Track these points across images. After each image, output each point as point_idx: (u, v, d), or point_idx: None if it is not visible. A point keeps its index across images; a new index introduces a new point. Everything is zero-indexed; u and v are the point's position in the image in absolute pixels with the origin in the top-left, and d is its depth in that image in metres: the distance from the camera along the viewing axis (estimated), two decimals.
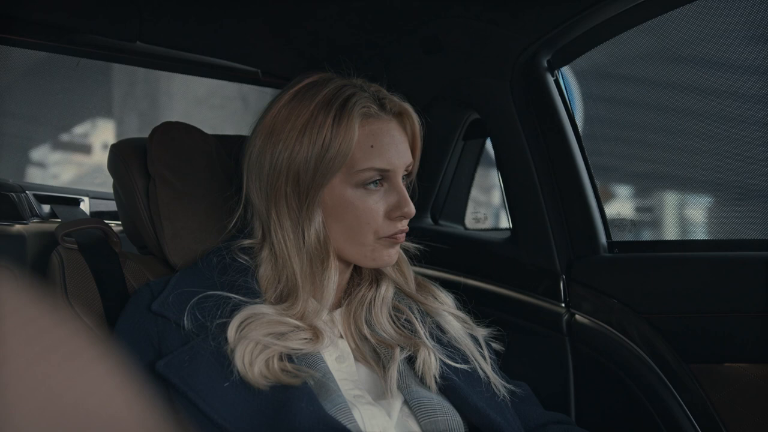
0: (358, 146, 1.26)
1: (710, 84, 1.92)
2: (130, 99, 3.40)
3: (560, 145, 1.71)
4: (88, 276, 1.45)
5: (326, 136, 1.23)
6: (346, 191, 1.28)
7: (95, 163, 3.49)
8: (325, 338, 1.26)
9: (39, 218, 1.97)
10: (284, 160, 1.26)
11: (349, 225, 1.29)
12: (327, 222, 1.29)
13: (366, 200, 1.28)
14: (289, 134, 1.26)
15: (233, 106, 3.35)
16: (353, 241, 1.30)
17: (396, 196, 1.30)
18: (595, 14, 1.60)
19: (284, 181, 1.26)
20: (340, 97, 1.27)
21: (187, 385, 1.15)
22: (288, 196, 1.27)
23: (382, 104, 1.32)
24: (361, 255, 1.32)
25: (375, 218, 1.29)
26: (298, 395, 1.14)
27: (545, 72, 1.72)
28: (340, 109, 1.25)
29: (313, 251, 1.27)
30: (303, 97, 1.29)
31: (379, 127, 1.29)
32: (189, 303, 1.25)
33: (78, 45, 1.98)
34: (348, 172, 1.26)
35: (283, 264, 1.29)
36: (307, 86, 1.31)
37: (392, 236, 1.31)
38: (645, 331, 1.55)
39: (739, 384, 1.44)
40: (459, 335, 1.39)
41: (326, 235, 1.28)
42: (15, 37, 1.94)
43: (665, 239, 2.41)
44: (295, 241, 1.27)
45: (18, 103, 2.73)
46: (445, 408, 1.25)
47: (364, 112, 1.28)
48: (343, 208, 1.28)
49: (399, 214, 1.29)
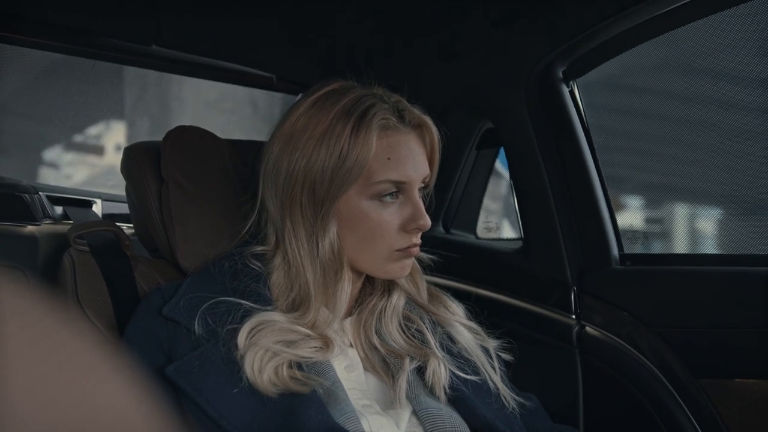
0: (375, 158, 1.25)
1: (724, 96, 1.92)
2: (142, 102, 3.41)
3: (574, 156, 1.70)
4: (99, 278, 1.46)
5: (344, 147, 1.23)
6: (362, 203, 1.27)
7: (108, 164, 3.50)
8: (336, 347, 1.26)
9: (51, 220, 1.98)
10: (301, 168, 1.25)
11: (363, 236, 1.28)
12: (341, 233, 1.28)
13: (381, 212, 1.28)
14: (306, 143, 1.25)
15: (243, 111, 3.36)
16: (367, 253, 1.30)
17: (411, 208, 1.29)
18: (611, 26, 1.60)
19: (300, 190, 1.26)
20: (360, 107, 1.26)
21: (196, 390, 1.15)
22: (303, 205, 1.26)
23: (402, 116, 1.31)
24: (374, 267, 1.32)
25: (389, 231, 1.29)
26: (307, 403, 1.14)
27: (560, 83, 1.72)
28: (359, 120, 1.24)
29: (327, 261, 1.27)
30: (322, 106, 1.28)
31: (397, 139, 1.28)
32: (200, 308, 1.25)
33: (94, 47, 1.99)
34: (364, 184, 1.26)
35: (296, 272, 1.28)
36: (327, 94, 1.30)
37: (406, 249, 1.30)
38: (655, 344, 1.55)
39: (749, 400, 1.43)
40: (470, 346, 1.38)
41: (340, 246, 1.28)
42: (33, 39, 1.95)
43: (677, 252, 2.40)
44: (309, 251, 1.27)
45: (33, 105, 2.75)
46: (453, 419, 1.25)
47: (383, 123, 1.27)
48: (358, 220, 1.28)
49: (414, 227, 1.29)
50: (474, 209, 2.18)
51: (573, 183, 1.71)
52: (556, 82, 1.72)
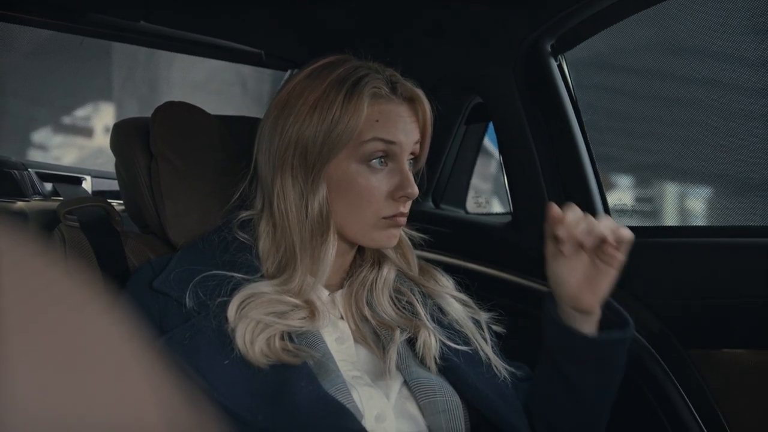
0: (365, 122, 1.27)
1: (711, 75, 1.92)
2: (130, 83, 3.40)
3: (562, 130, 1.71)
4: (90, 254, 1.46)
5: (335, 113, 1.25)
6: (351, 166, 1.28)
7: (97, 146, 3.49)
8: (322, 316, 1.27)
9: (41, 196, 1.97)
10: (294, 133, 1.27)
11: (351, 201, 1.30)
12: (330, 197, 1.29)
13: (369, 178, 1.29)
14: (300, 108, 1.28)
15: (232, 91, 3.35)
16: (354, 219, 1.31)
17: (399, 176, 1.31)
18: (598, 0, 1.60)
19: (291, 153, 1.28)
20: (353, 76, 1.28)
21: (188, 361, 1.16)
22: (294, 168, 1.28)
23: (394, 87, 1.33)
24: (361, 234, 1.33)
25: (377, 197, 1.30)
26: (298, 375, 1.15)
27: (549, 57, 1.72)
28: (352, 88, 1.27)
29: (314, 224, 1.28)
30: (318, 76, 1.31)
31: (388, 108, 1.30)
32: (190, 281, 1.26)
33: (82, 24, 1.98)
34: (353, 147, 1.28)
35: (282, 234, 1.30)
36: (323, 65, 1.33)
37: (392, 217, 1.31)
38: (644, 315, 1.55)
39: (737, 369, 1.45)
40: (460, 317, 1.39)
41: (329, 210, 1.29)
42: (20, 15, 1.93)
43: (666, 224, 2.41)
44: (297, 213, 1.28)
45: (20, 83, 2.73)
46: (444, 388, 1.26)
47: (375, 92, 1.29)
48: (347, 184, 1.29)
49: (401, 194, 1.30)
50: (463, 184, 2.18)
51: (561, 156, 1.71)
52: (545, 56, 1.72)
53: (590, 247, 1.23)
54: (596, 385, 1.33)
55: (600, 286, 1.26)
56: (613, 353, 1.30)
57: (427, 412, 1.23)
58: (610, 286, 1.27)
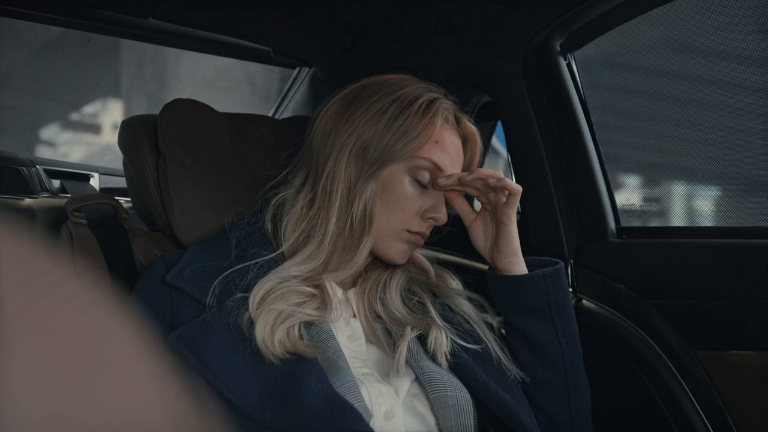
0: (430, 140, 1.34)
1: (720, 75, 1.91)
2: (138, 80, 3.40)
3: (571, 129, 1.70)
4: (97, 251, 1.46)
5: (408, 124, 1.31)
6: (401, 174, 1.34)
7: (105, 143, 3.49)
8: (335, 308, 1.31)
9: (49, 193, 1.98)
10: (360, 126, 1.33)
11: (387, 204, 1.34)
12: (374, 197, 1.33)
13: (408, 189, 1.34)
14: (371, 106, 1.34)
15: (241, 89, 3.34)
16: (382, 221, 1.35)
17: (435, 200, 1.37)
18: None
19: (353, 144, 1.33)
20: (427, 96, 1.36)
21: (198, 357, 1.16)
22: (350, 158, 1.33)
23: (458, 119, 1.42)
24: (380, 237, 1.36)
25: (410, 208, 1.35)
26: (308, 372, 1.16)
27: (558, 56, 1.71)
28: (427, 105, 1.34)
29: (355, 219, 1.32)
30: (391, 83, 1.38)
31: (449, 136, 1.38)
32: (203, 275, 1.28)
33: (90, 20, 1.98)
34: (411, 158, 1.33)
35: (318, 211, 1.35)
36: (394, 78, 1.40)
37: (415, 233, 1.36)
38: (652, 316, 1.55)
39: (744, 371, 1.44)
40: (471, 317, 1.41)
41: (372, 209, 1.33)
42: (29, 11, 1.94)
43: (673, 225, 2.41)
44: (340, 200, 1.33)
45: (29, 79, 2.74)
46: (454, 384, 1.26)
47: (446, 116, 1.37)
48: (391, 188, 1.34)
49: (430, 216, 1.36)
50: None
51: (570, 155, 1.71)
52: (554, 55, 1.71)
53: (479, 190, 1.35)
54: (547, 331, 1.37)
55: (503, 244, 1.37)
56: (538, 289, 1.36)
57: (436, 405, 1.24)
58: (511, 242, 1.36)
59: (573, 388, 1.39)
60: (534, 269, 1.39)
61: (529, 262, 1.41)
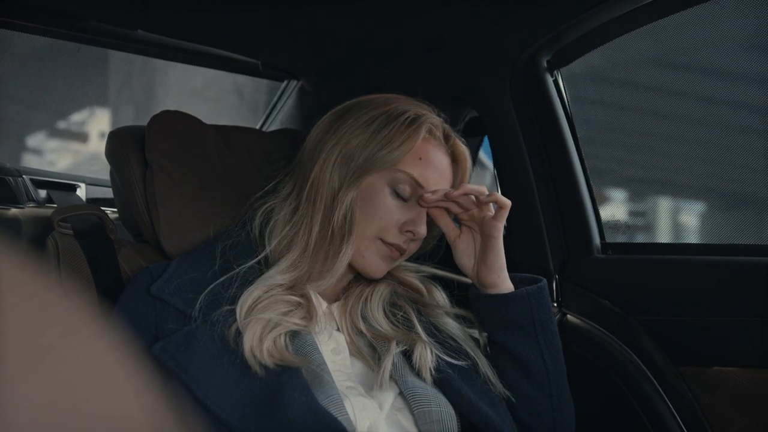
0: (411, 154, 1.34)
1: (706, 91, 1.92)
2: (126, 89, 3.39)
3: (557, 145, 1.71)
4: (83, 262, 1.46)
5: (390, 134, 1.32)
6: (381, 184, 1.34)
7: (92, 151, 3.48)
8: (319, 319, 1.31)
9: (35, 203, 1.97)
10: (346, 135, 1.34)
11: (365, 212, 1.34)
12: (354, 205, 1.33)
13: (388, 201, 1.34)
14: (359, 118, 1.35)
15: (229, 100, 3.34)
16: (360, 229, 1.34)
17: (415, 213, 1.36)
18: (595, 16, 1.60)
19: (338, 152, 1.33)
20: (415, 111, 1.37)
21: (182, 369, 1.16)
22: (335, 166, 1.33)
23: (447, 137, 1.42)
24: (357, 246, 1.35)
25: (388, 219, 1.34)
26: (292, 385, 1.16)
27: (545, 72, 1.72)
28: (413, 119, 1.34)
29: (336, 226, 1.32)
30: (380, 101, 1.39)
31: (434, 152, 1.38)
32: (188, 287, 1.28)
33: (80, 31, 1.98)
34: (391, 169, 1.34)
35: (302, 218, 1.35)
36: (385, 96, 1.42)
37: (391, 245, 1.35)
38: (636, 332, 1.56)
39: (728, 388, 1.45)
40: (456, 333, 1.41)
41: (353, 216, 1.32)
42: (18, 21, 1.94)
43: (659, 242, 2.41)
44: (323, 207, 1.33)
45: (18, 88, 2.73)
46: (438, 399, 1.26)
47: (431, 129, 1.37)
48: (370, 197, 1.34)
49: (409, 229, 1.35)
50: None
51: (556, 171, 1.72)
52: (541, 71, 1.72)
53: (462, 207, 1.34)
54: (531, 349, 1.37)
55: (491, 259, 1.36)
56: (522, 307, 1.36)
57: (420, 421, 1.24)
58: (500, 257, 1.36)
59: (557, 404, 1.40)
60: (517, 286, 1.39)
61: (511, 278, 1.41)
